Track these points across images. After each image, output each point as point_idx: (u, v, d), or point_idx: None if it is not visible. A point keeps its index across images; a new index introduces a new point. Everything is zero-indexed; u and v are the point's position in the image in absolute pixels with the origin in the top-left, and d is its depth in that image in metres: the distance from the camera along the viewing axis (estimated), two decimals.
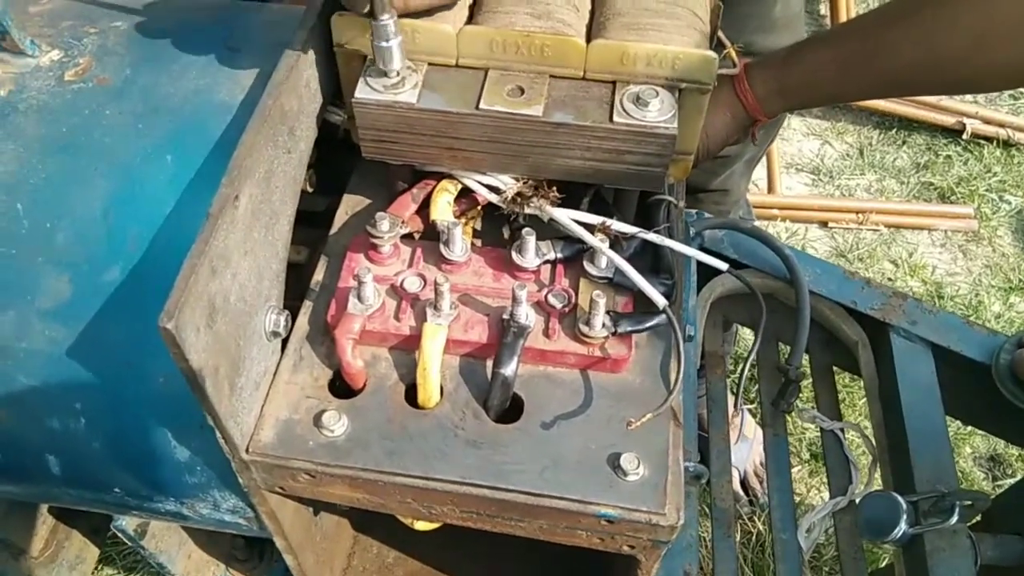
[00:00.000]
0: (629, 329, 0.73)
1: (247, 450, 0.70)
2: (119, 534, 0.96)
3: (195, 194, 0.71)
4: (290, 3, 0.97)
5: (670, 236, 0.79)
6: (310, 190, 0.86)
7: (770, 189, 2.48)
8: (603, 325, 0.73)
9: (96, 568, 1.64)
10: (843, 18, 2.68)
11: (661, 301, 0.72)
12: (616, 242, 0.78)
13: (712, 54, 0.72)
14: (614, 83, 0.74)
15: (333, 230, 0.85)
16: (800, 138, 2.64)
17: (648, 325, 0.74)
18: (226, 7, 0.86)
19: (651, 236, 0.77)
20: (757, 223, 2.44)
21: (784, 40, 1.37)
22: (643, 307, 0.76)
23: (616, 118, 0.72)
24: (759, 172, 2.49)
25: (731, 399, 1.82)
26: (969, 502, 1.04)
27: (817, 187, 2.55)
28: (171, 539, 1.02)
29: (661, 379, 0.76)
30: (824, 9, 2.91)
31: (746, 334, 2.19)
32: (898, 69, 0.83)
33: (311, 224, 0.87)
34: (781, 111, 0.95)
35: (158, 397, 0.73)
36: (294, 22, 0.76)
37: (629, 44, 0.72)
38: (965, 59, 0.79)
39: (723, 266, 0.79)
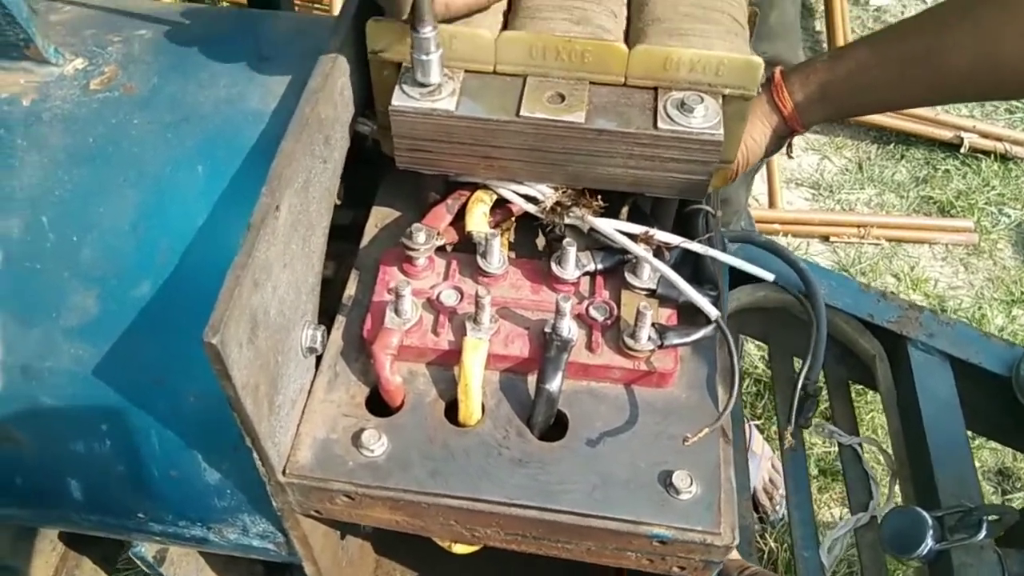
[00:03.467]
0: (676, 342, 0.71)
1: (284, 472, 0.68)
2: (137, 561, 0.93)
3: (227, 205, 0.69)
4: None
5: (711, 246, 0.77)
6: (339, 202, 0.83)
7: (771, 204, 2.47)
8: (649, 338, 0.71)
9: None
10: (840, 34, 2.69)
11: (713, 312, 0.70)
12: (658, 252, 0.76)
13: (757, 59, 0.70)
14: (656, 89, 0.72)
15: (363, 243, 0.83)
16: (799, 153, 2.64)
17: (696, 337, 0.72)
18: (253, 15, 0.84)
19: (695, 246, 0.75)
20: None
21: (780, 48, 1.36)
22: (687, 319, 0.74)
23: (661, 124, 0.70)
24: (759, 187, 2.49)
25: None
26: (996, 517, 1.02)
27: (818, 201, 2.55)
28: (189, 565, 0.99)
29: (707, 392, 0.73)
30: (820, 25, 2.93)
31: (749, 347, 2.17)
32: (956, 71, 0.82)
33: (336, 237, 0.85)
34: (821, 120, 0.93)
35: (189, 417, 0.70)
36: (324, 30, 0.74)
37: (672, 49, 0.70)
38: None
39: (768, 276, 0.77)
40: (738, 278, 1.11)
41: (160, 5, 0.84)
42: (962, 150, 2.59)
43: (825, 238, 2.45)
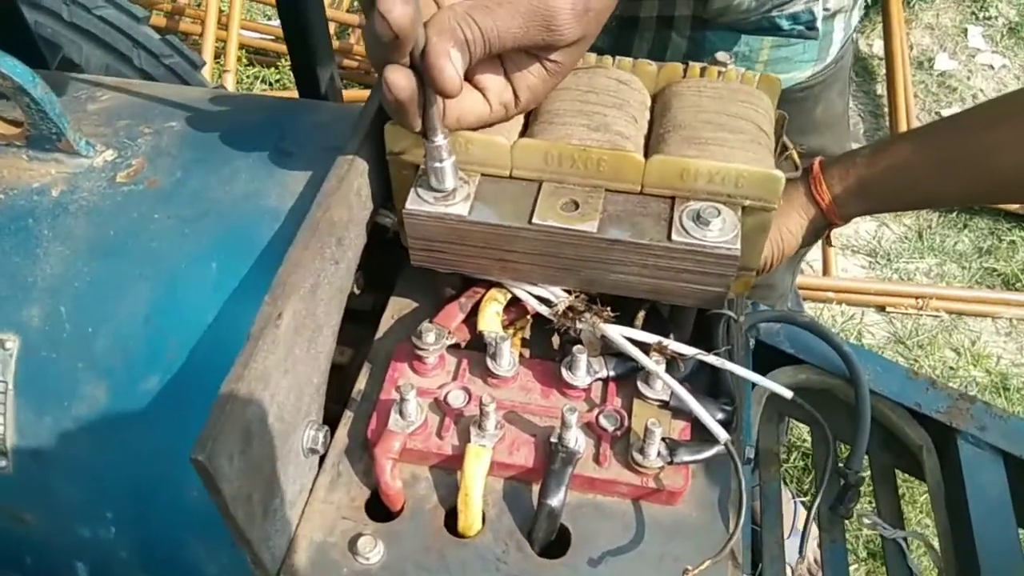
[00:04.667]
0: (686, 459, 0.69)
1: (278, 575, 0.67)
2: None
3: (239, 302, 0.70)
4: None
5: (730, 357, 0.75)
6: (357, 292, 0.84)
7: (825, 271, 2.41)
8: (658, 454, 0.69)
9: None
10: (901, 100, 2.63)
11: (723, 435, 0.67)
12: (672, 362, 0.74)
13: (779, 173, 0.68)
14: (673, 198, 0.71)
15: (378, 335, 0.83)
16: (857, 220, 2.57)
17: (707, 455, 0.69)
18: (281, 106, 0.86)
19: (711, 358, 0.73)
20: (810, 306, 2.38)
21: (826, 141, 1.33)
22: (701, 432, 0.72)
23: (675, 236, 0.68)
24: (814, 253, 2.44)
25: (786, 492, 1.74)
26: None
27: (874, 270, 2.48)
28: None
29: (719, 513, 0.71)
30: (881, 89, 2.87)
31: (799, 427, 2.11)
32: (1004, 173, 0.79)
33: (356, 321, 0.85)
34: (860, 214, 0.90)
35: (190, 510, 0.70)
36: (348, 124, 0.74)
37: (690, 160, 0.69)
38: None
39: (787, 394, 0.74)
40: (778, 357, 1.08)
41: (194, 92, 0.86)
42: None
43: (881, 308, 2.38)
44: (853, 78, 2.94)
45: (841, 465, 1.07)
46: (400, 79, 0.61)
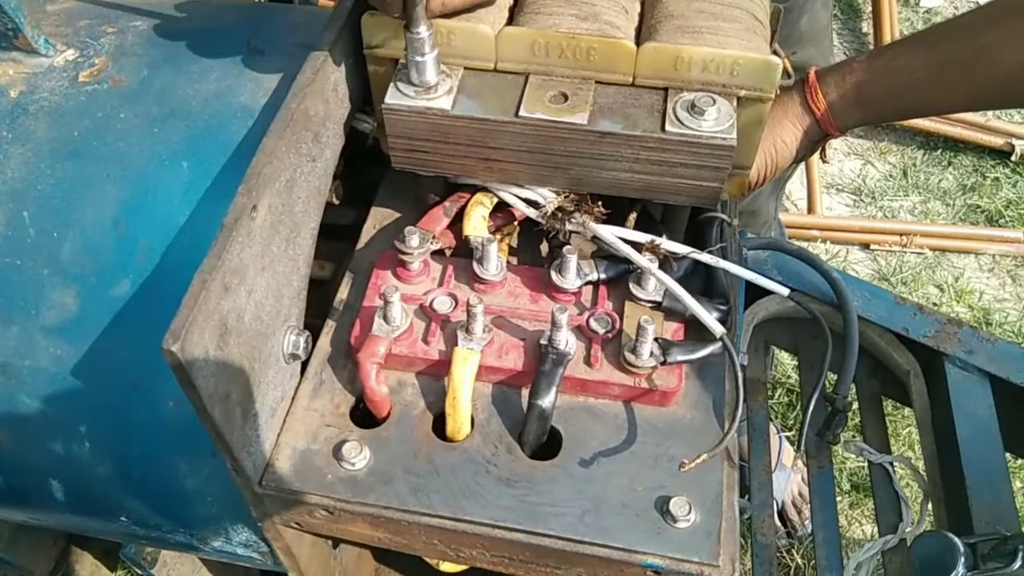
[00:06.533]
0: (680, 359, 0.67)
1: (260, 483, 0.65)
2: (128, 562, 0.91)
3: (212, 203, 0.66)
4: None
5: (724, 257, 0.72)
6: (336, 202, 0.81)
7: (810, 209, 2.40)
8: (651, 354, 0.67)
9: None
10: (887, 37, 2.60)
11: (719, 329, 0.65)
12: (665, 263, 0.71)
13: (775, 59, 0.66)
14: (666, 90, 0.68)
15: (360, 245, 0.80)
16: (841, 158, 2.56)
17: (701, 354, 0.68)
18: (251, 7, 0.81)
19: (705, 257, 0.70)
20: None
21: (810, 53, 1.30)
22: (694, 334, 0.70)
23: (669, 127, 0.65)
24: (799, 191, 2.42)
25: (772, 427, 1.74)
26: None
27: (859, 208, 2.47)
28: (184, 568, 0.97)
29: (713, 413, 0.69)
30: (867, 27, 2.83)
31: (782, 356, 2.11)
32: (1001, 73, 0.76)
33: (337, 238, 0.82)
34: (857, 124, 0.88)
35: (167, 422, 0.67)
36: (322, 23, 0.71)
37: (684, 47, 0.66)
38: None
39: (783, 291, 0.73)
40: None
41: None
42: (1013, 157, 2.48)
43: (865, 246, 2.37)
44: (838, 16, 2.89)
45: (829, 391, 1.06)
46: None
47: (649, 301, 0.71)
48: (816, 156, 2.48)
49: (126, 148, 0.68)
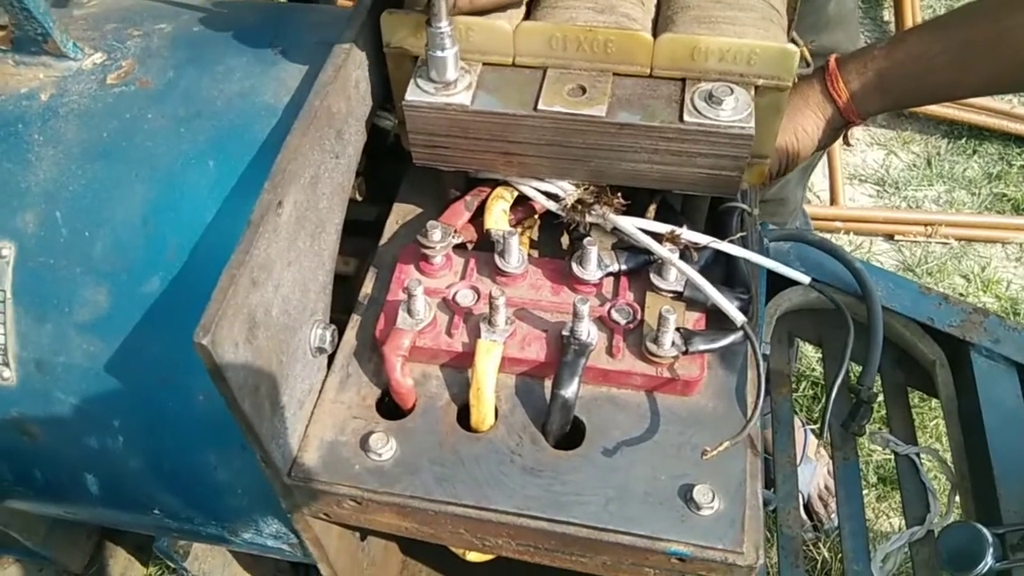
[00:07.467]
0: (702, 348, 0.67)
1: (289, 474, 0.66)
2: (160, 555, 0.92)
3: (238, 200, 0.68)
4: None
5: (745, 246, 0.73)
6: (359, 199, 0.82)
7: (833, 200, 2.38)
8: (673, 343, 0.67)
9: None
10: (909, 21, 2.57)
11: (739, 318, 0.66)
12: (686, 253, 0.72)
13: (792, 47, 0.66)
14: (684, 80, 0.68)
15: (383, 240, 0.81)
16: (864, 148, 2.54)
17: (723, 344, 0.68)
18: (273, 7, 0.83)
19: (725, 246, 0.71)
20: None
21: (838, 38, 1.30)
22: (716, 324, 0.70)
23: (687, 117, 0.66)
24: (821, 183, 2.41)
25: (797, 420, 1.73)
26: None
27: (882, 199, 2.45)
28: (215, 560, 0.99)
29: (736, 402, 0.69)
30: (888, 15, 2.81)
31: (807, 350, 2.10)
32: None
33: (360, 234, 0.83)
34: (879, 111, 0.87)
35: (198, 415, 0.69)
36: (343, 22, 0.72)
37: (701, 38, 0.66)
38: None
39: (804, 279, 0.73)
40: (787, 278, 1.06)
41: None
42: None
43: (890, 237, 2.35)
44: (860, 3, 2.87)
45: (854, 382, 1.06)
46: None
47: (670, 291, 0.71)
48: (838, 148, 2.46)
49: (154, 148, 0.70)
